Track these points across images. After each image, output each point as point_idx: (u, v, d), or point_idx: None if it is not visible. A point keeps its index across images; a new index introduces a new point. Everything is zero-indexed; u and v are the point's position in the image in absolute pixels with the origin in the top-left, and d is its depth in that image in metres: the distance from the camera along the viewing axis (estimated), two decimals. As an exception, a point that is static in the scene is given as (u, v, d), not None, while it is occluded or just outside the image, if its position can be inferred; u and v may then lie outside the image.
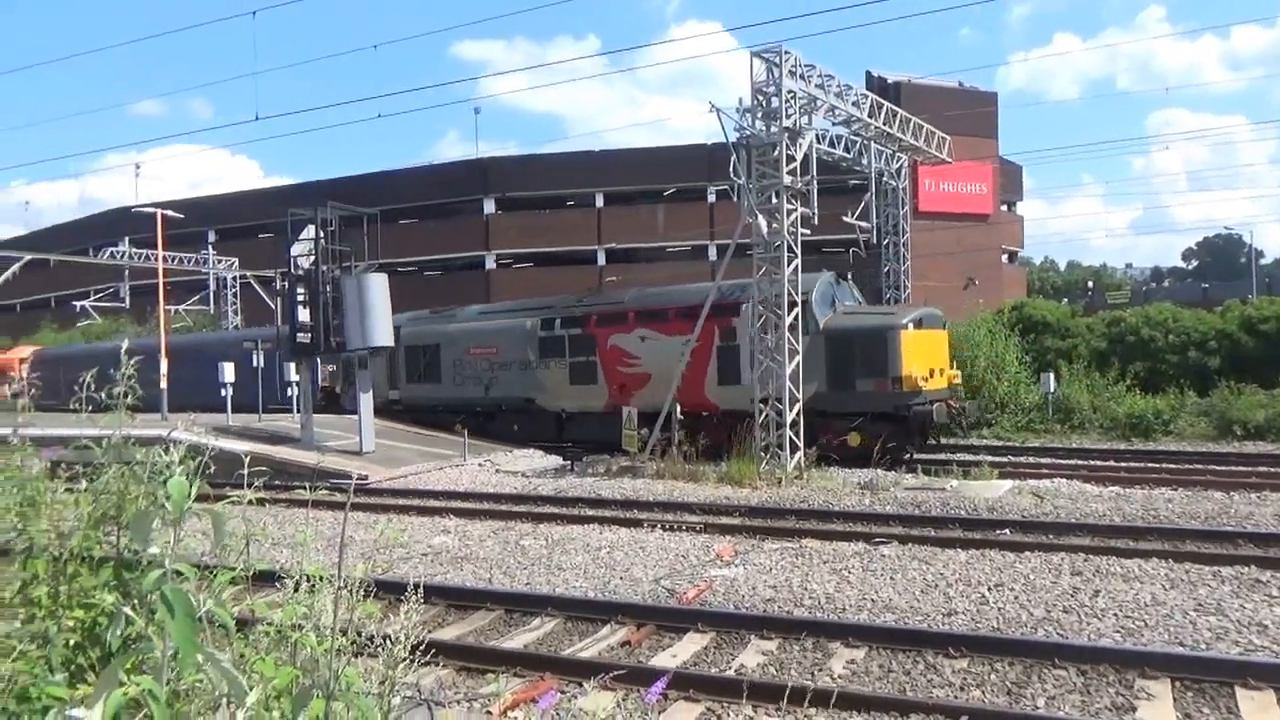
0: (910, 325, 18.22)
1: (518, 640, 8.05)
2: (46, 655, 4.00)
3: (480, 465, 20.05)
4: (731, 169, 18.15)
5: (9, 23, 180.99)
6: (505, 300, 29.62)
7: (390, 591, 6.97)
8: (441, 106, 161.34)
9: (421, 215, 45.49)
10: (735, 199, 19.22)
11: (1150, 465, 18.41)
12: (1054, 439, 23.76)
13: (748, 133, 17.99)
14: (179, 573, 2.21)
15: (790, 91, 17.72)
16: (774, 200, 17.71)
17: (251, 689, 2.25)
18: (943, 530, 12.05)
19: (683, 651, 7.63)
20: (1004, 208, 45.29)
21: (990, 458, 19.15)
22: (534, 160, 44.81)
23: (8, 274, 39.27)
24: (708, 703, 6.34)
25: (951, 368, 20.26)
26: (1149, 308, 29.84)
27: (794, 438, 17.43)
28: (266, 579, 3.53)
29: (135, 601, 4.47)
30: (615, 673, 5.98)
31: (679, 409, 19.16)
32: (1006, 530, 11.85)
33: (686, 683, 6.48)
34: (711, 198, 41.86)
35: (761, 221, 17.70)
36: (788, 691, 5.38)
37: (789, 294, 17.39)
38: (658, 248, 42.02)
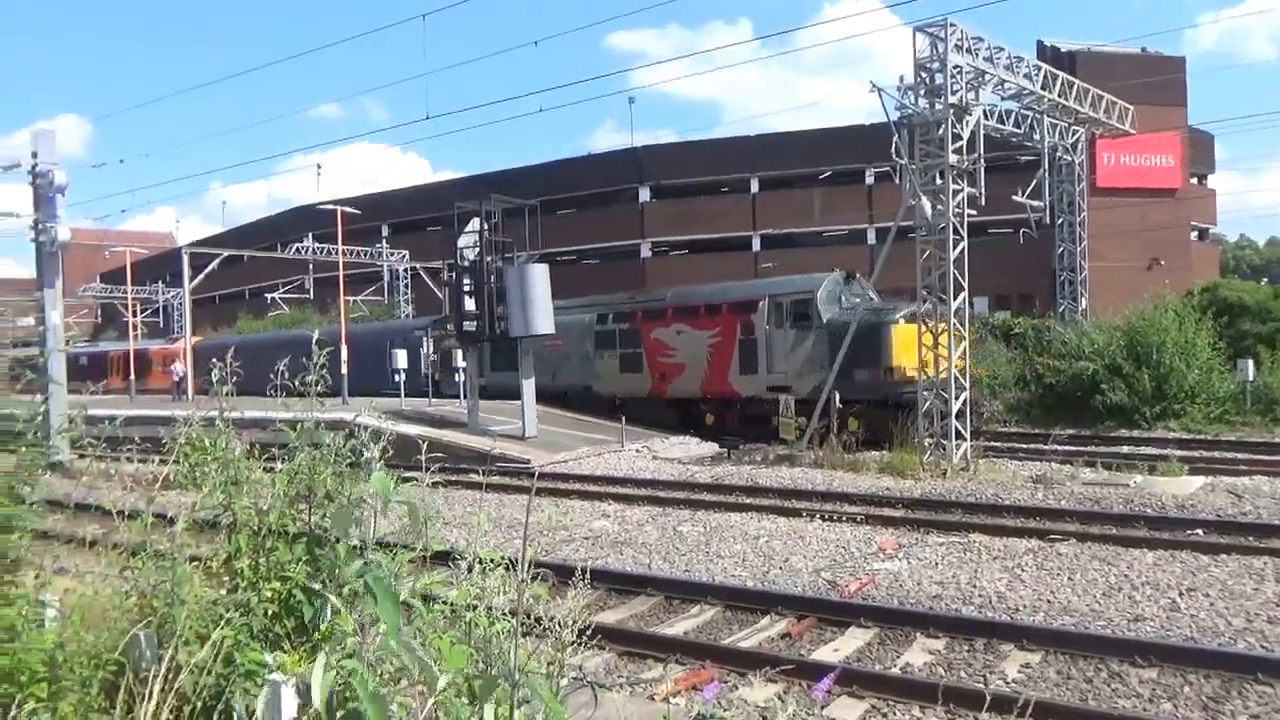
0: (902, 320, 19.34)
1: (678, 627, 8.09)
2: (248, 623, 4.31)
3: (638, 451, 20.28)
4: (893, 149, 17.53)
5: (208, 40, 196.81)
6: (651, 289, 29.87)
7: (555, 574, 7.14)
8: (598, 99, 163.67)
9: (579, 205, 46.40)
10: (896, 181, 18.57)
11: (1370, 463, 16.58)
12: (1253, 432, 21.75)
13: (910, 111, 17.33)
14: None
15: (956, 66, 16.94)
16: (938, 181, 17.01)
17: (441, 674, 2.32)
18: (1126, 529, 11.26)
19: (845, 646, 7.46)
20: (1193, 181, 41.74)
21: (1179, 452, 17.78)
22: (688, 147, 44.82)
23: (207, 270, 42.81)
24: (872, 700, 6.17)
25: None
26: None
27: (960, 428, 16.73)
28: (439, 557, 3.65)
29: (325, 576, 4.75)
30: (783, 666, 5.89)
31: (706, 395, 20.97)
32: (1199, 531, 10.95)
33: (850, 679, 6.33)
34: (870, 180, 40.68)
35: (925, 203, 17.03)
36: (946, 693, 5.15)
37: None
38: (814, 232, 41.21)
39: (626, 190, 45.71)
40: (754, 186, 43.47)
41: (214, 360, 6.17)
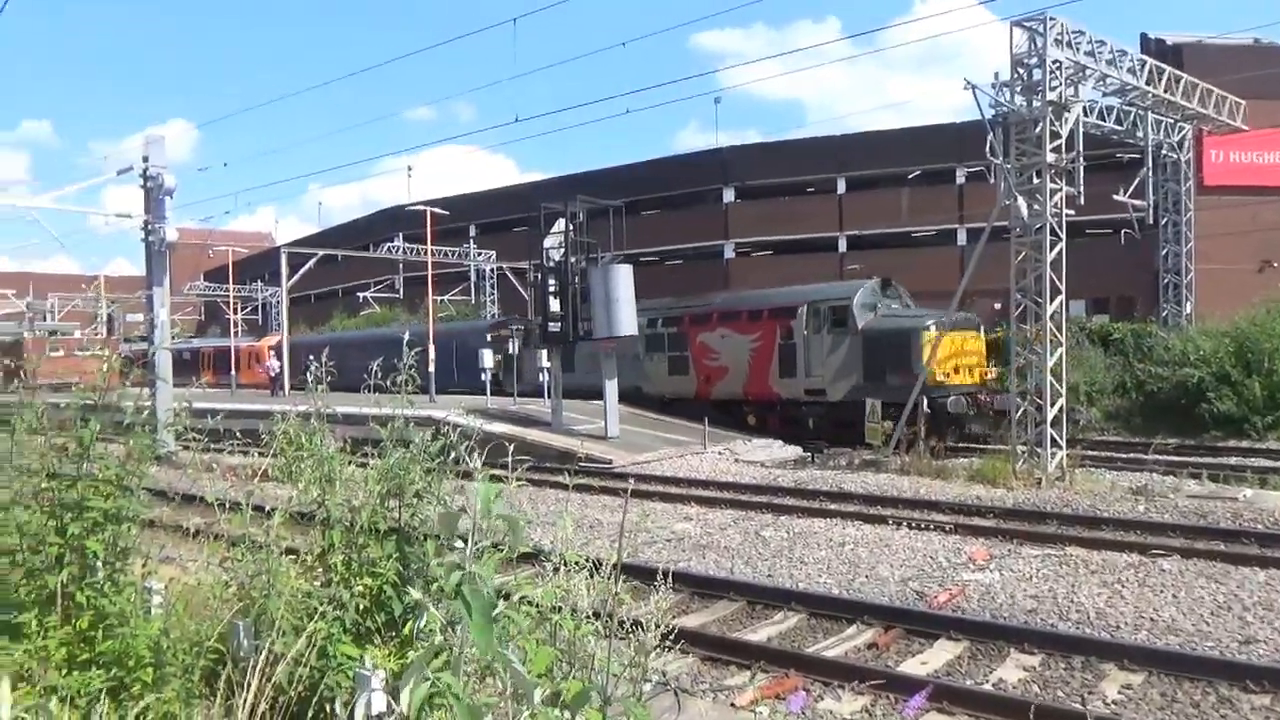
0: (933, 327, 19.96)
1: (761, 633, 7.99)
2: (340, 617, 4.40)
3: (719, 453, 20.17)
4: (987, 148, 17.02)
5: (307, 48, 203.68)
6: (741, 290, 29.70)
7: (636, 576, 7.13)
8: (684, 100, 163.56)
9: (663, 206, 46.39)
10: (991, 180, 18.04)
11: None
12: (1378, 446, 20.44)
13: (1006, 109, 16.79)
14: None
15: (1055, 61, 16.35)
16: (1035, 180, 16.44)
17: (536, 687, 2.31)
18: (1235, 545, 10.69)
19: (934, 659, 7.26)
20: (1312, 179, 39.41)
21: (1294, 465, 16.81)
22: (773, 147, 44.36)
23: (303, 269, 44.25)
24: (963, 717, 5.98)
25: (987, 365, 21.77)
26: None
27: (1054, 436, 16.15)
28: (525, 556, 3.65)
29: (413, 573, 4.82)
30: (872, 681, 5.75)
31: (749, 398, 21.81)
32: (1318, 550, 10.32)
33: (940, 694, 6.14)
34: (961, 179, 39.62)
35: (1021, 203, 16.49)
36: (1041, 712, 4.95)
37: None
38: (902, 233, 40.34)
39: (711, 191, 45.51)
40: (840, 187, 42.79)
41: (309, 357, 6.35)
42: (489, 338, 35.12)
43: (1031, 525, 12.15)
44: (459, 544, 2.19)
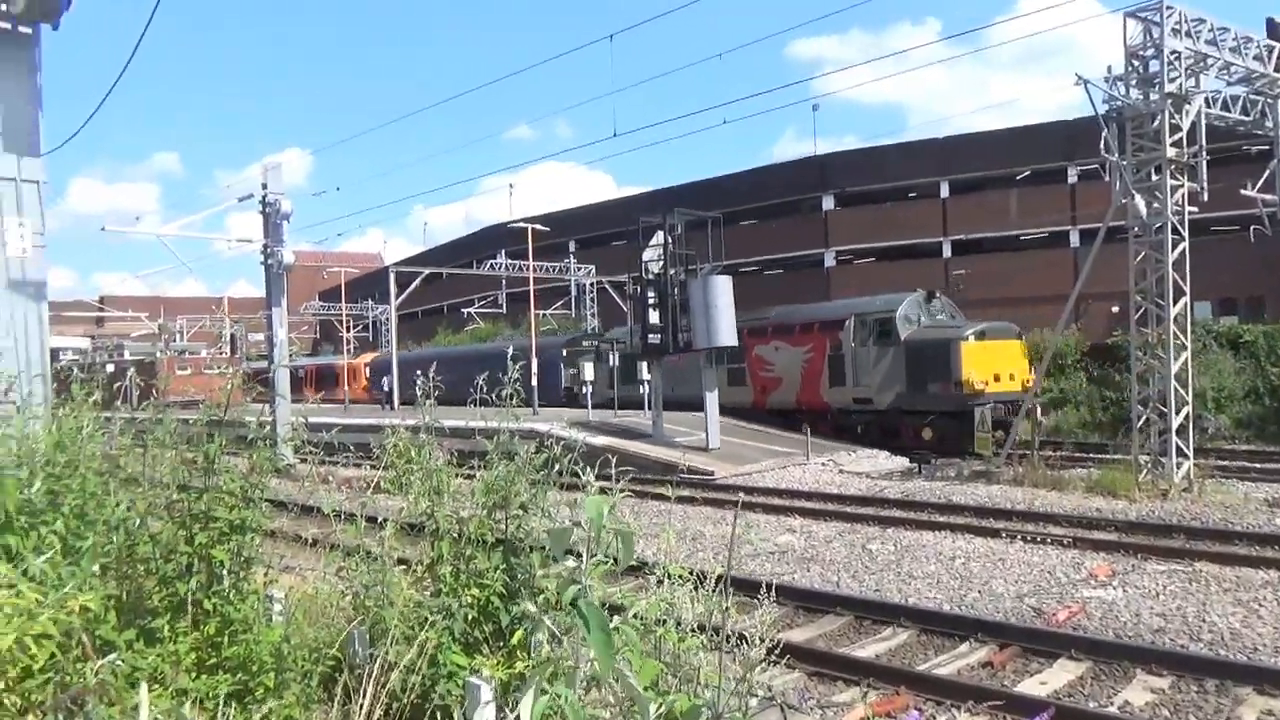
0: (972, 337, 21.04)
1: (869, 649, 7.79)
2: (450, 627, 4.48)
3: (823, 465, 19.84)
4: (1102, 145, 16.30)
5: (413, 74, 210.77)
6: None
7: (740, 589, 7.05)
8: (780, 109, 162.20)
9: (761, 216, 46.05)
10: (1106, 178, 17.27)
11: None
12: None
13: (1120, 103, 16.06)
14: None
15: (1173, 52, 15.56)
16: (1154, 177, 15.67)
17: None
18: (1390, 563, 9.90)
19: (1054, 679, 6.94)
20: None
21: None
22: (873, 152, 43.57)
23: (411, 287, 45.68)
24: (1087, 741, 5.69)
25: (1030, 373, 21.75)
26: None
27: (1181, 444, 15.30)
28: (629, 568, 3.65)
29: (519, 585, 4.87)
30: (990, 701, 5.54)
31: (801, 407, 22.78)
32: None
33: (1062, 716, 5.86)
34: (1073, 178, 38.05)
35: (1139, 201, 15.73)
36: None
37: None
38: (1010, 236, 39.00)
39: (810, 199, 44.97)
40: (944, 190, 41.66)
41: (417, 372, 6.53)
42: (564, 353, 36.25)
43: (1157, 539, 11.53)
44: (571, 559, 2.20)
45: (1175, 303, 15.44)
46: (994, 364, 21.07)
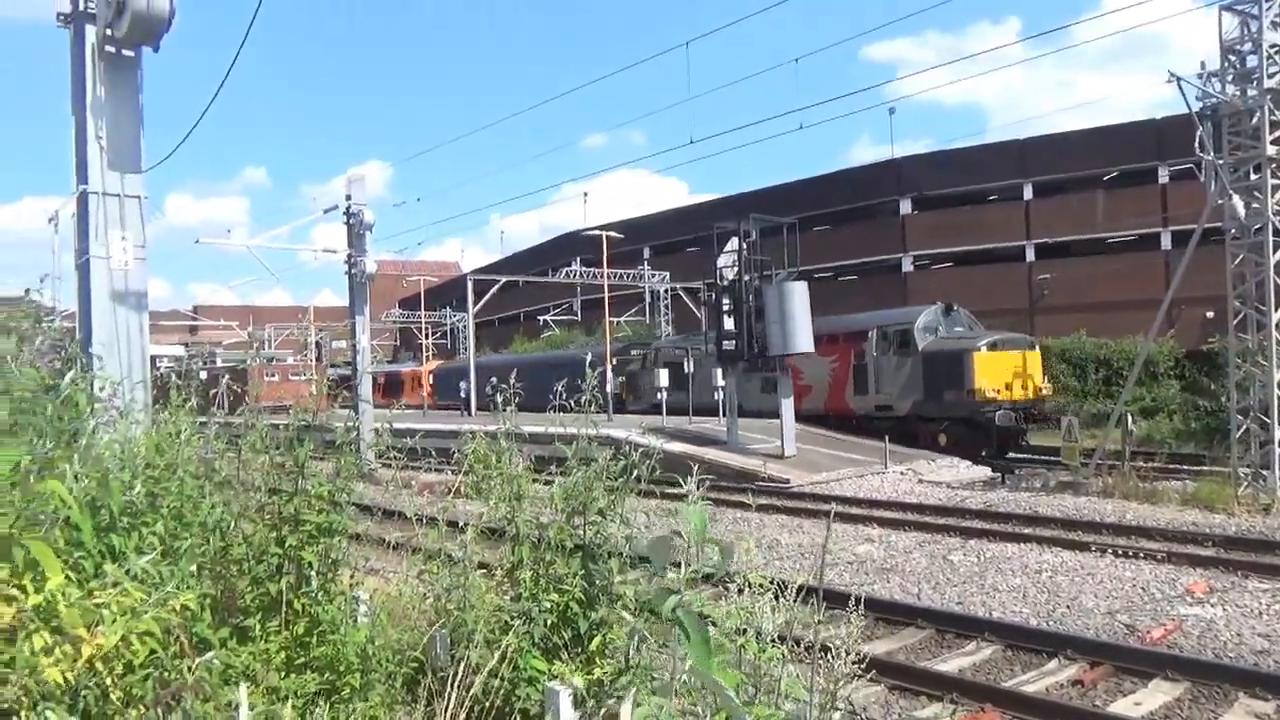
0: (984, 348, 22.46)
1: (952, 664, 7.59)
2: (530, 631, 4.51)
3: (902, 473, 19.47)
4: (1196, 143, 15.65)
5: (490, 86, 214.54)
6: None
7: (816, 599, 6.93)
8: (856, 113, 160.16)
9: (837, 221, 45.50)
10: (1200, 178, 16.59)
11: None
12: None
13: (1216, 100, 15.40)
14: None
15: (1273, 45, 14.86)
16: (1252, 176, 14.98)
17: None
18: None
19: (1148, 700, 6.66)
20: None
21: None
22: (951, 155, 42.62)
23: (488, 295, 46.40)
24: (1187, 765, 5.44)
25: (1043, 381, 23.66)
26: None
27: (1284, 456, 14.54)
28: (704, 576, 3.62)
29: (598, 590, 4.88)
30: None
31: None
32: None
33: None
34: (1164, 178, 36.66)
35: (1236, 202, 15.04)
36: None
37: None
38: (1096, 239, 37.73)
39: (887, 203, 44.28)
40: (1027, 193, 40.54)
41: (493, 379, 6.60)
42: (615, 360, 36.56)
43: (1259, 556, 10.98)
44: (671, 570, 2.18)
45: (1277, 308, 14.73)
46: (1006, 373, 22.54)
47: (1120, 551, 11.30)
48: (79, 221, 8.67)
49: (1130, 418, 17.36)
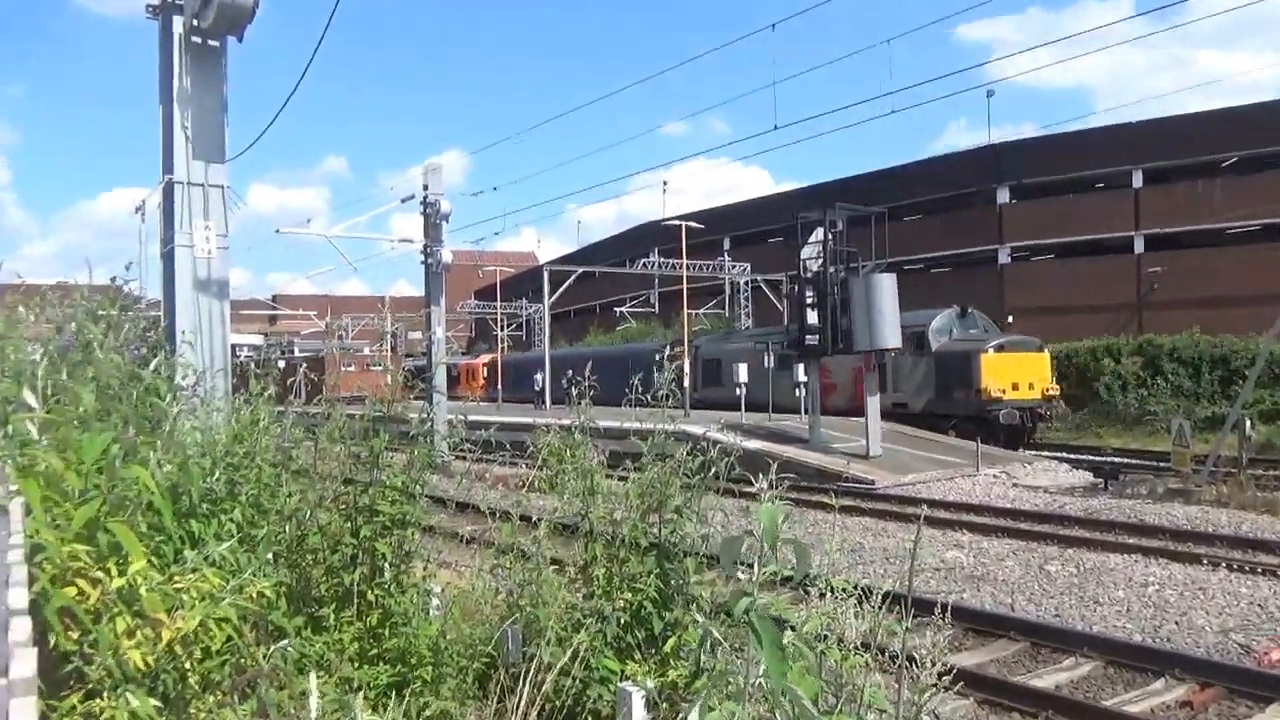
0: (992, 350, 24.42)
1: (1047, 679, 7.37)
2: (603, 630, 4.54)
3: (995, 476, 18.99)
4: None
5: (568, 73, 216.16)
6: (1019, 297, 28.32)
7: (900, 605, 6.81)
8: (951, 96, 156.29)
9: (929, 210, 44.55)
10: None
11: None
12: None
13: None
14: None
15: None
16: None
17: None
18: None
19: (1266, 726, 6.36)
20: None
21: None
22: (1054, 140, 41.18)
23: (564, 286, 46.81)
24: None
25: (1052, 382, 25.67)
26: None
27: None
28: (783, 579, 3.59)
29: (673, 590, 4.88)
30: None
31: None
32: None
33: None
34: (1291, 164, 34.85)
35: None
36: None
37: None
38: (1214, 230, 36.10)
39: (982, 191, 43.16)
40: (1136, 180, 39.02)
41: (569, 371, 6.65)
42: (656, 357, 36.74)
43: (1394, 574, 10.37)
44: (742, 570, 2.16)
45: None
46: (1013, 374, 24.50)
47: (1236, 566, 10.81)
48: (164, 211, 9.03)
49: (1249, 422, 16.57)
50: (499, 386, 47.89)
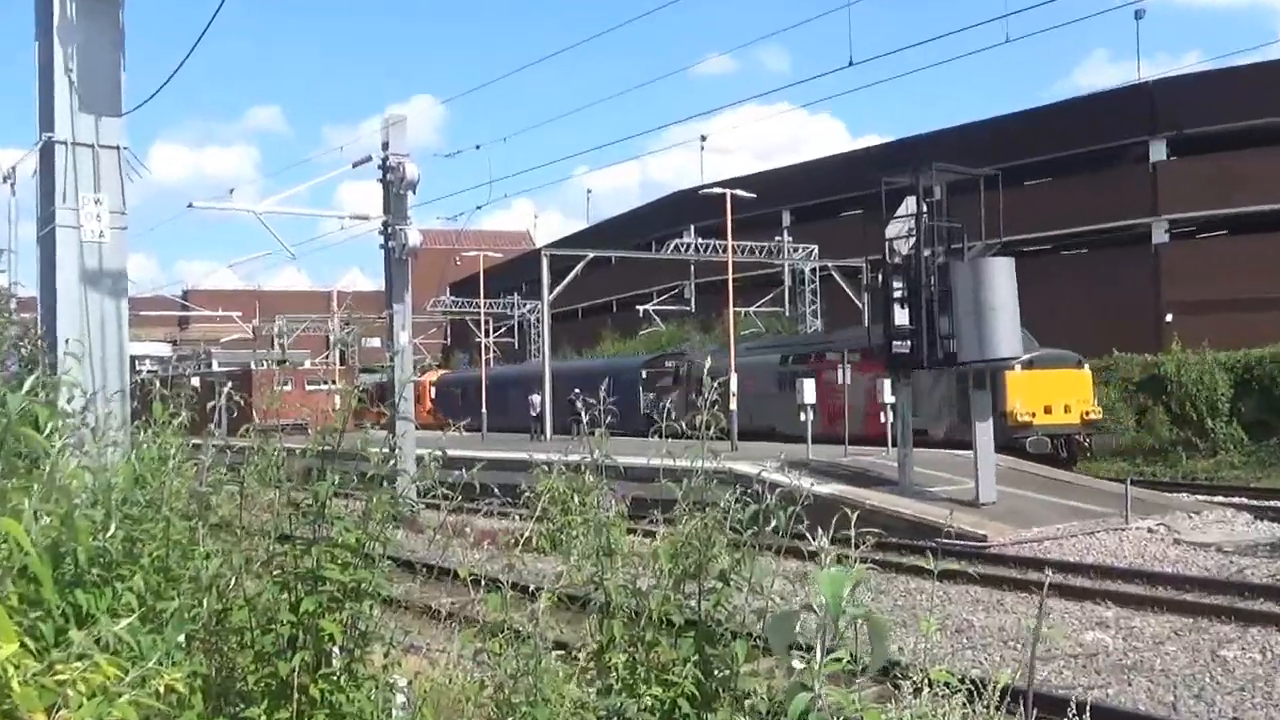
0: (1018, 366, 25.44)
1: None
2: (625, 736, 4.53)
3: (1150, 530, 18.91)
4: None
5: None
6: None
7: (1034, 706, 6.78)
8: (1088, 19, 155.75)
9: (1057, 172, 44.42)
10: None
11: None
12: None
13: None
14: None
15: None
16: None
17: None
18: None
19: None
20: None
21: None
22: (1226, 77, 41.03)
23: (569, 277, 47.03)
24: None
25: (1093, 403, 28.19)
26: None
27: None
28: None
29: (717, 684, 4.88)
30: None
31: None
32: None
33: None
34: None
35: None
36: None
37: None
38: None
39: (1130, 147, 43.03)
40: (1338, 129, 38.82)
41: (576, 390, 6.66)
42: (644, 374, 37.98)
43: None
44: (798, 657, 2.16)
45: None
46: (1045, 395, 26.45)
47: None
48: (41, 180, 9.08)
49: None
50: (484, 411, 48.07)
